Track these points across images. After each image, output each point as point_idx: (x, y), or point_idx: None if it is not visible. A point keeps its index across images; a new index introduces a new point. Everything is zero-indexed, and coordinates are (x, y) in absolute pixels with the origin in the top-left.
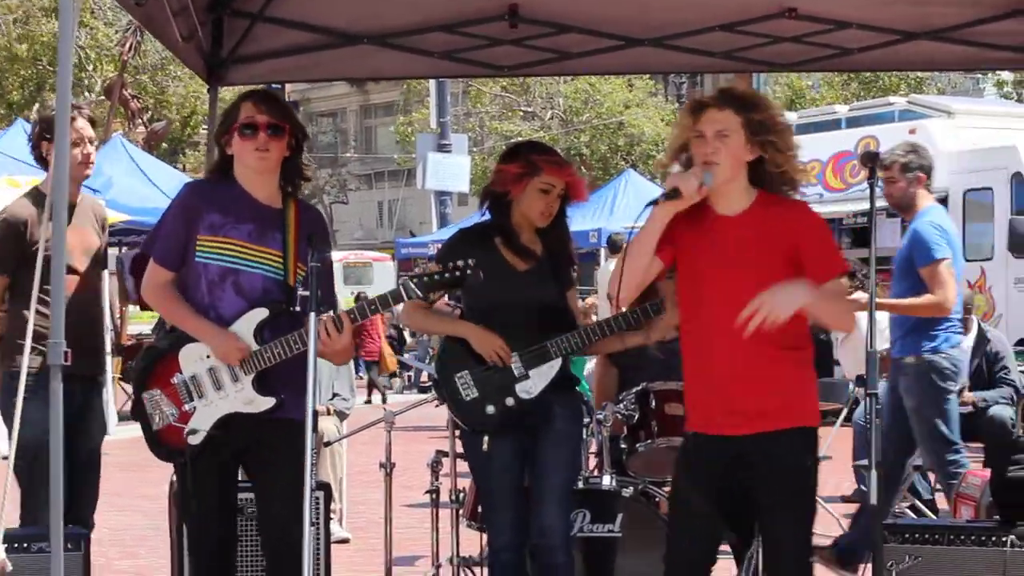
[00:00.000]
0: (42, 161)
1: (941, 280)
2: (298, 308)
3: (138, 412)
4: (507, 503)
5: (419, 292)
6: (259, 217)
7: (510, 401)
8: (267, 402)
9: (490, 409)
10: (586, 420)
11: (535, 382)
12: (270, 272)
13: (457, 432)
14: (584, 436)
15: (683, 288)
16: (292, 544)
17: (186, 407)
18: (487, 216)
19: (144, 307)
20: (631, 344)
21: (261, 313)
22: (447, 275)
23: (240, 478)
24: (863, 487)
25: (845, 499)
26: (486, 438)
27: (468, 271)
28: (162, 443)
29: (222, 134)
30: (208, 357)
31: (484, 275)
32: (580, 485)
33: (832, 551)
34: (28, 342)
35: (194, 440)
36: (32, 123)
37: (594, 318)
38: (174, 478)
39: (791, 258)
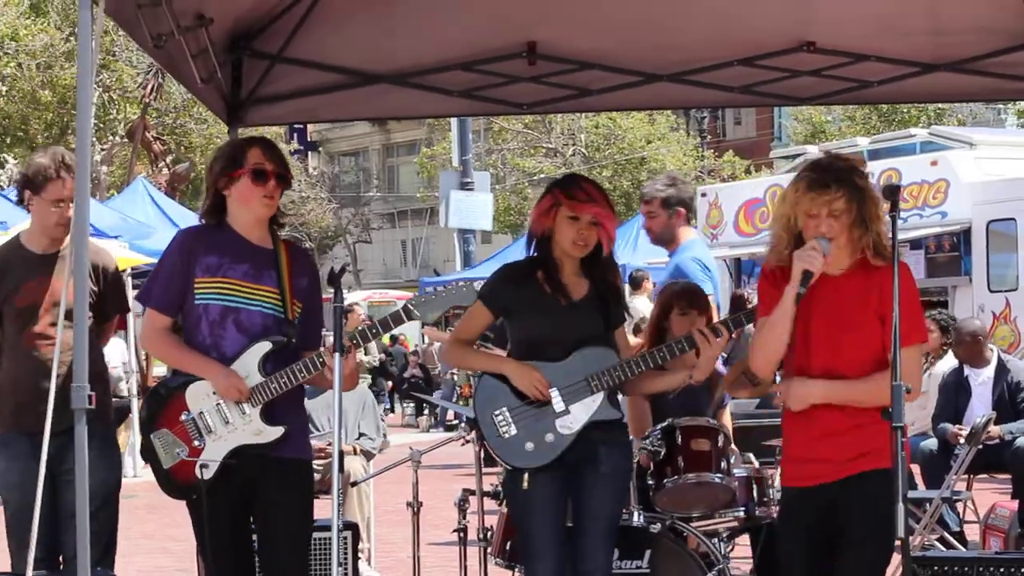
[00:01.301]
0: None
1: None
2: (295, 340)
3: (148, 453)
4: (547, 545)
5: (417, 313)
6: (253, 257)
7: (550, 437)
8: (276, 431)
9: (529, 446)
10: None
11: (575, 417)
12: (268, 309)
13: (489, 469)
14: None
15: (790, 343)
16: None
17: (196, 443)
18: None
19: None
20: (674, 386)
21: (265, 346)
22: (443, 295)
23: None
24: None
25: None
26: (526, 476)
27: (464, 288)
28: (174, 481)
29: (221, 177)
30: (215, 393)
31: (528, 308)
32: None
33: None
34: (51, 399)
35: (207, 474)
36: (20, 173)
37: None
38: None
39: (883, 318)
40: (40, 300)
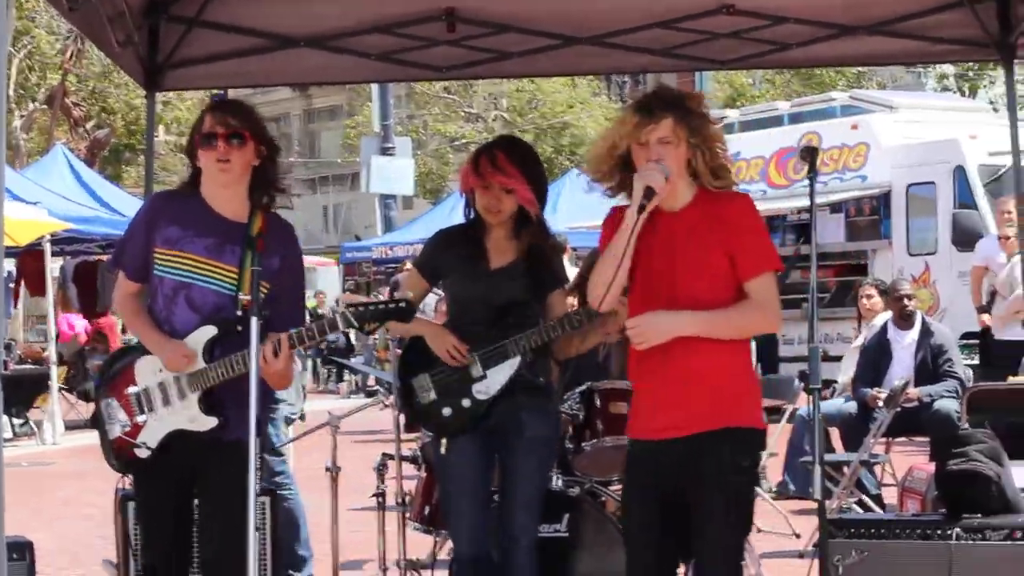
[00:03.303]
0: None
1: None
2: (242, 326)
3: (96, 420)
4: (466, 507)
5: (355, 322)
6: (220, 231)
7: (466, 403)
8: (210, 421)
9: (447, 411)
10: None
11: (492, 382)
12: (223, 288)
13: (408, 434)
14: None
15: (632, 284)
16: (230, 567)
17: (137, 419)
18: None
19: (87, 315)
20: (590, 347)
21: (209, 331)
22: (382, 307)
23: None
24: (789, 481)
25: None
26: (444, 441)
27: (404, 305)
28: (116, 453)
29: (189, 148)
30: (161, 371)
31: (455, 272)
32: None
33: None
34: None
35: (141, 454)
36: None
37: None
38: (119, 485)
39: (727, 251)
40: None
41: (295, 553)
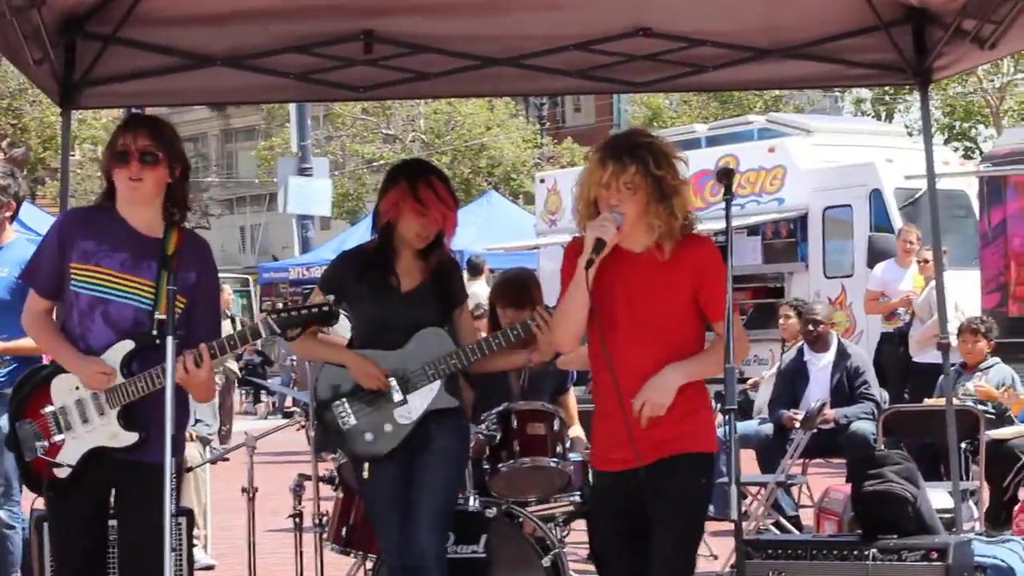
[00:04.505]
0: None
1: None
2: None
3: (11, 442)
4: (391, 529)
5: (277, 328)
6: (135, 246)
7: (388, 427)
8: (131, 437)
9: (369, 436)
10: None
11: (413, 407)
12: (141, 303)
13: (328, 455)
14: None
15: (593, 321)
16: None
17: (55, 439)
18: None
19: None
20: (515, 366)
21: (127, 346)
22: (305, 312)
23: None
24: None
25: None
26: (366, 465)
27: (328, 308)
28: (33, 474)
29: (104, 163)
30: (77, 389)
31: (365, 296)
32: None
33: None
34: None
35: (60, 473)
36: None
37: None
38: (33, 506)
39: (692, 295)
40: None
41: None
